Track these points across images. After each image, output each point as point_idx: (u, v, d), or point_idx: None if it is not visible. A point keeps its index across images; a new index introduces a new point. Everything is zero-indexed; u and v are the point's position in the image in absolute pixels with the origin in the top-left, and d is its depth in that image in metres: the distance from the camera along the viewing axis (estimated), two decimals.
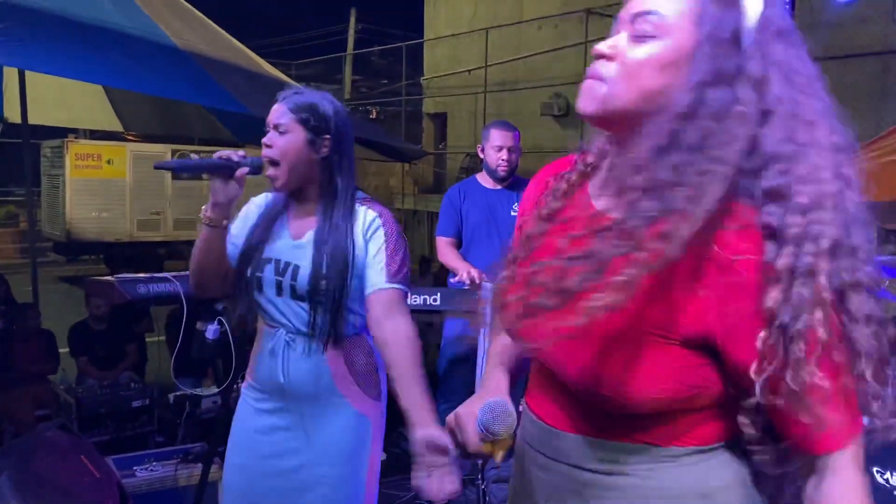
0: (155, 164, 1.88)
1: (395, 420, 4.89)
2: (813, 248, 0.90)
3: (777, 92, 0.94)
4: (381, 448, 2.00)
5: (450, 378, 3.74)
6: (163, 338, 4.88)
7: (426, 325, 6.82)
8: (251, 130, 6.63)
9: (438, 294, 3.18)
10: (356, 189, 1.94)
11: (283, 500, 1.88)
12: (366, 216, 1.90)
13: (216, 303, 2.33)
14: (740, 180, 0.94)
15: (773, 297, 0.90)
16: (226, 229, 1.84)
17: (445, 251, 3.68)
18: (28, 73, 4.97)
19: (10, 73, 5.33)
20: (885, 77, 8.77)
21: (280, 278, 1.85)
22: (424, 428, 1.55)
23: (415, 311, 3.47)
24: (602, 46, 1.00)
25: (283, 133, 1.82)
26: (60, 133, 10.74)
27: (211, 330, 2.55)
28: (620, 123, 1.00)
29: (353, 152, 1.93)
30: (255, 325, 2.01)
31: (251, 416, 1.94)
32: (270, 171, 1.82)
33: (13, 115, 5.53)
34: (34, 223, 7.02)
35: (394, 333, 1.79)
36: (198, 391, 4.03)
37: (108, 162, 11.47)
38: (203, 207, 1.83)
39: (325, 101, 1.88)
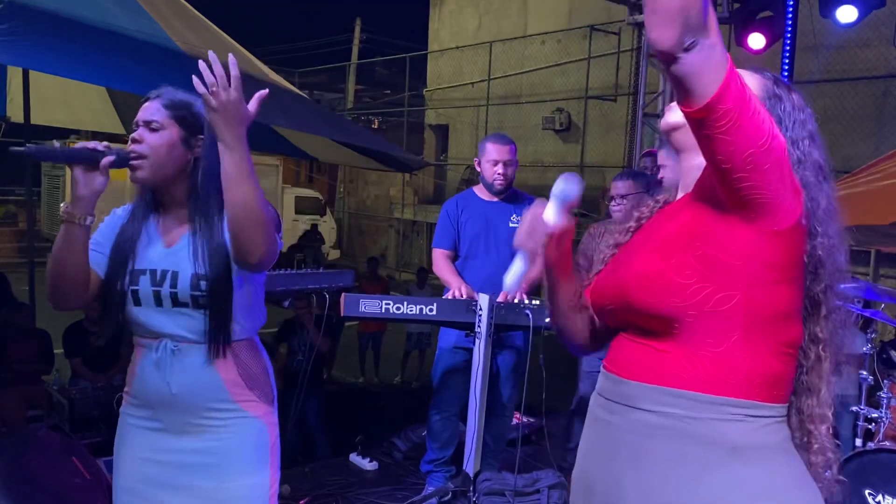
0: (11, 149, 1.68)
1: (386, 431, 4.87)
2: None
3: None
4: (279, 457, 1.88)
5: (443, 389, 3.73)
6: None
7: (420, 334, 6.85)
8: (251, 135, 6.65)
9: (435, 304, 3.17)
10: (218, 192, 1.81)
11: None
12: None
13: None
14: None
15: None
16: (87, 228, 1.71)
17: (441, 264, 3.68)
18: (32, 74, 4.98)
19: (15, 73, 5.35)
20: (885, 100, 8.82)
21: (158, 288, 1.75)
22: None
23: (411, 321, 3.47)
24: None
25: (155, 130, 1.76)
26: (62, 134, 10.76)
27: None
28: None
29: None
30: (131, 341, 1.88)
31: (139, 436, 1.82)
32: (134, 163, 1.75)
33: (16, 114, 5.55)
34: (33, 223, 7.02)
35: None
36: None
37: None
38: (62, 204, 1.72)
39: (200, 102, 1.76)
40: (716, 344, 1.21)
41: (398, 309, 3.11)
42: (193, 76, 1.62)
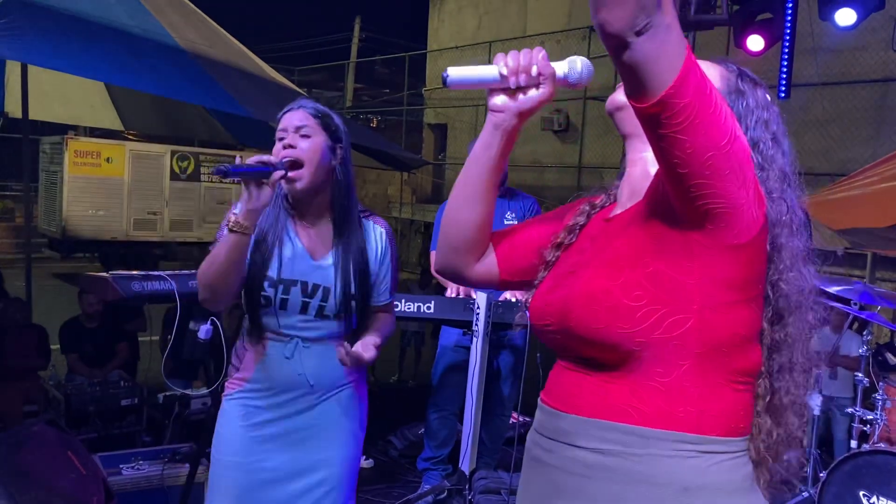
0: (215, 168, 1.80)
1: (382, 429, 4.87)
2: None
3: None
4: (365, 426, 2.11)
5: (443, 387, 3.74)
6: (156, 337, 4.87)
7: (416, 333, 6.84)
8: (251, 133, 6.67)
9: (433, 302, 3.18)
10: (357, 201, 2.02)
11: (288, 482, 1.94)
12: (375, 233, 2.01)
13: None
14: None
15: None
16: (250, 239, 1.80)
17: None
18: (30, 69, 4.98)
19: (13, 68, 5.34)
20: (883, 104, 8.83)
21: (308, 300, 1.90)
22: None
23: (409, 319, 3.47)
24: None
25: (307, 136, 1.86)
26: (60, 129, 10.74)
27: (203, 330, 2.55)
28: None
29: (351, 165, 2.00)
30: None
31: (254, 415, 1.95)
32: (293, 172, 1.82)
33: (14, 109, 5.54)
34: (30, 218, 7.01)
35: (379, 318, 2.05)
36: (188, 392, 4.01)
37: (108, 160, 11.47)
38: (229, 214, 1.79)
39: (335, 113, 1.97)
40: (665, 373, 1.07)
41: (396, 307, 3.11)
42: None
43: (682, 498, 1.06)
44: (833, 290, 3.74)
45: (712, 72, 1.16)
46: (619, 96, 1.18)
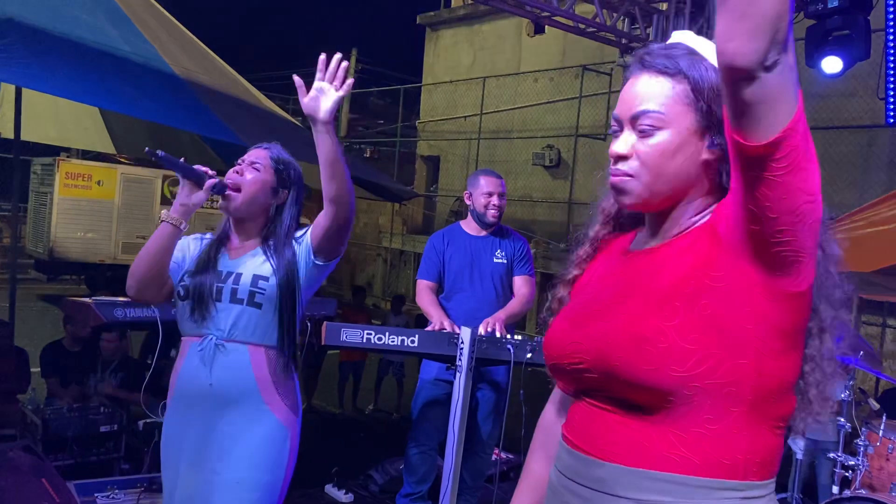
0: (147, 149, 1.99)
1: (362, 463, 4.83)
2: None
3: None
4: (295, 462, 2.08)
5: (423, 422, 3.71)
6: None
7: (391, 363, 6.81)
8: None
9: (416, 336, 3.17)
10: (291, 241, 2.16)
11: (202, 499, 1.95)
12: (300, 237, 2.16)
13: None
14: None
15: None
16: (181, 232, 2.02)
17: (424, 296, 3.69)
18: (24, 90, 4.98)
19: (7, 89, 5.35)
20: (870, 150, 8.96)
21: (235, 286, 2.02)
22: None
23: (392, 352, 3.46)
24: (619, 148, 1.12)
25: (256, 169, 2.10)
26: (52, 151, 10.73)
27: None
28: (657, 204, 1.14)
29: (299, 214, 2.20)
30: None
31: (175, 425, 2.05)
32: (230, 191, 2.07)
33: (6, 130, 5.54)
34: (17, 239, 6.97)
35: None
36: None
37: (98, 183, 11.45)
38: (163, 211, 2.04)
39: (297, 165, 2.20)
40: (715, 419, 1.03)
41: (380, 339, 3.10)
42: (295, 76, 1.96)
43: None
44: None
45: None
46: (619, 148, 1.13)
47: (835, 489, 3.75)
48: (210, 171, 2.04)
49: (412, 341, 3.12)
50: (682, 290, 1.05)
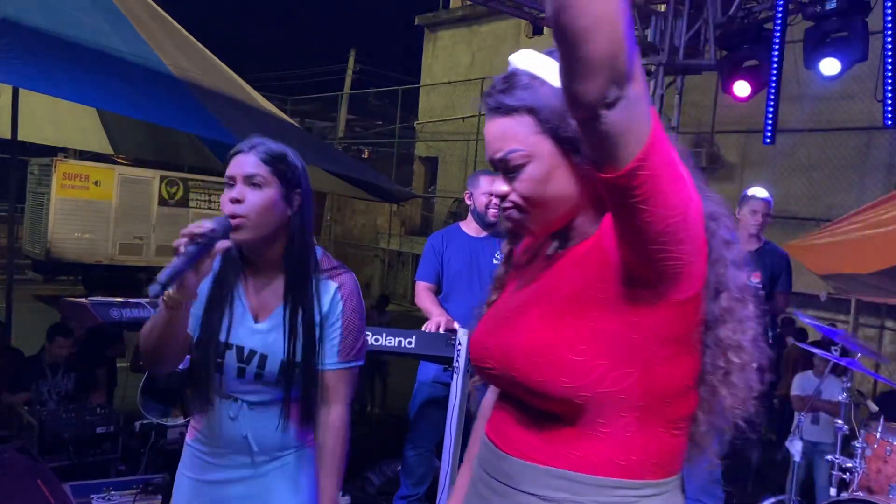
0: (150, 287, 1.46)
1: (360, 464, 4.80)
2: None
3: None
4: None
5: (420, 423, 3.70)
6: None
7: (384, 364, 6.81)
8: None
9: (414, 337, 3.16)
10: (315, 251, 1.79)
11: None
12: (328, 289, 1.77)
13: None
14: None
15: None
16: (187, 309, 1.61)
17: (423, 295, 3.68)
18: (21, 90, 4.97)
19: (4, 89, 5.34)
20: (868, 151, 8.97)
21: (244, 366, 1.72)
22: None
23: (389, 354, 3.47)
24: (499, 188, 1.18)
25: (257, 185, 1.65)
26: (49, 151, 10.72)
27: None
28: (553, 226, 1.19)
29: (311, 210, 1.80)
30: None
31: (200, 467, 1.82)
32: (235, 222, 1.62)
33: (3, 130, 5.53)
34: (14, 240, 6.96)
35: (326, 421, 1.78)
36: (165, 421, 3.95)
37: (96, 183, 11.44)
38: (166, 292, 1.53)
39: (291, 150, 1.75)
40: (607, 425, 1.08)
41: (377, 340, 3.09)
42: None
43: None
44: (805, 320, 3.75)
45: None
46: (499, 188, 1.17)
47: (832, 491, 3.74)
48: (206, 227, 1.53)
49: (409, 342, 3.11)
50: (573, 302, 1.10)
